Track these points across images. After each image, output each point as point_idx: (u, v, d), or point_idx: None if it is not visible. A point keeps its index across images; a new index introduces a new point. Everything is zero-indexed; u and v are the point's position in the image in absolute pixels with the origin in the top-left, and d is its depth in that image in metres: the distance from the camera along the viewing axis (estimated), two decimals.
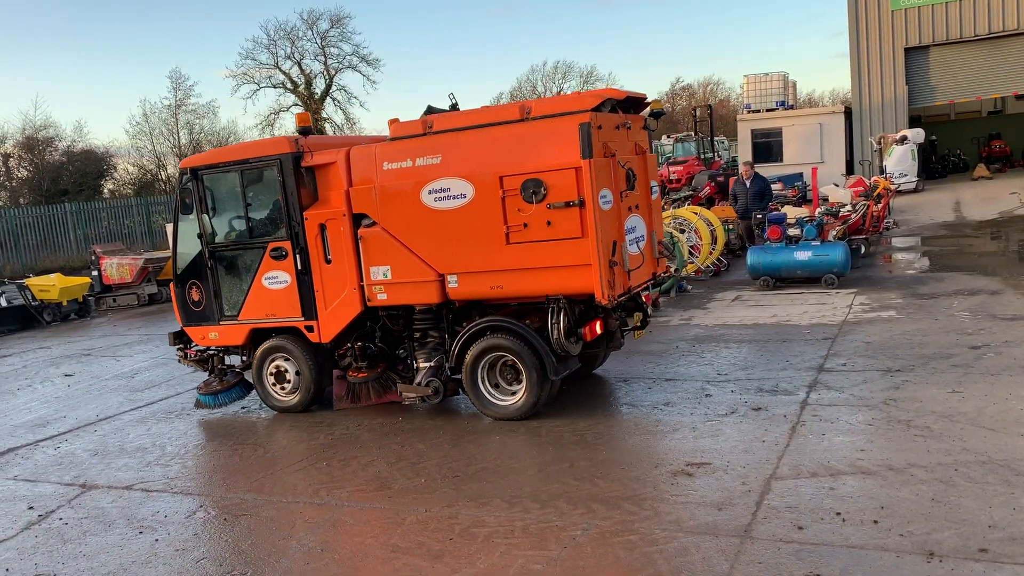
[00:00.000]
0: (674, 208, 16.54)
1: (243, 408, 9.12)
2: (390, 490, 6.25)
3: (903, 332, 9.25)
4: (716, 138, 36.58)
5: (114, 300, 19.80)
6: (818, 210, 14.58)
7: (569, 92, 58.84)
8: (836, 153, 26.75)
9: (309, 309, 8.03)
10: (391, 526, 5.60)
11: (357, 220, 7.70)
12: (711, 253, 14.77)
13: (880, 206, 16.70)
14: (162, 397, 9.95)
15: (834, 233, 13.20)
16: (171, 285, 8.98)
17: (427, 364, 7.73)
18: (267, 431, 8.21)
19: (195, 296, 8.67)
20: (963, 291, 11.13)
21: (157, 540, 5.76)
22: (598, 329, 7.41)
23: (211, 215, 8.42)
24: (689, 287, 13.58)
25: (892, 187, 19.01)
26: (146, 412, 9.36)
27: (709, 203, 21.10)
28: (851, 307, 10.91)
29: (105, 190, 40.04)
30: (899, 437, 6.15)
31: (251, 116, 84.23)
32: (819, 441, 6.23)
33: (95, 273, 19.75)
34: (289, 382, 8.45)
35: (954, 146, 32.83)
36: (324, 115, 47.59)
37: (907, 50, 27.39)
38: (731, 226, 16.14)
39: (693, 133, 37.48)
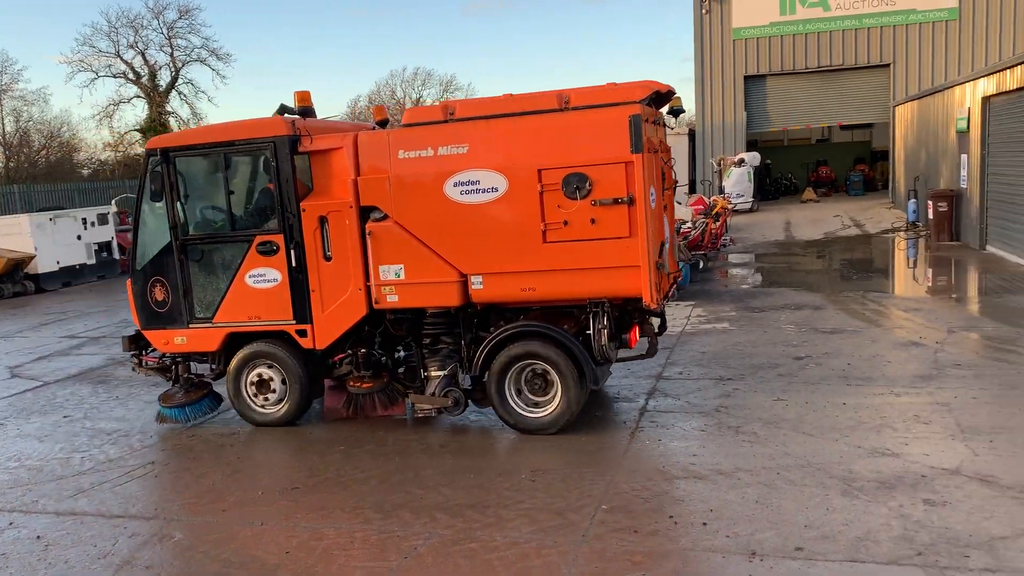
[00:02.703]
0: None
1: (65, 416, 8.49)
2: (224, 503, 5.97)
3: (735, 343, 9.77)
4: None
5: None
6: None
7: (428, 99, 58.86)
8: (680, 173, 27.78)
9: (302, 311, 7.21)
10: (223, 540, 5.35)
11: (364, 213, 6.97)
12: None
13: (718, 224, 17.63)
14: None
15: None
16: (128, 282, 7.76)
17: (440, 373, 7.03)
18: (93, 441, 7.66)
19: (159, 295, 7.60)
20: (790, 305, 11.89)
21: None
22: (637, 335, 7.14)
23: (184, 203, 7.45)
24: None
25: (730, 206, 20.10)
26: None
27: None
28: (689, 319, 11.43)
29: None
30: (729, 442, 6.48)
31: (88, 106, 79.16)
32: (655, 447, 6.47)
33: None
34: (274, 392, 7.55)
35: (786, 170, 35.16)
36: (169, 109, 45.32)
37: (746, 78, 29.12)
38: None
39: None
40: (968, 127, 16.68)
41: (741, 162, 26.51)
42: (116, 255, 21.58)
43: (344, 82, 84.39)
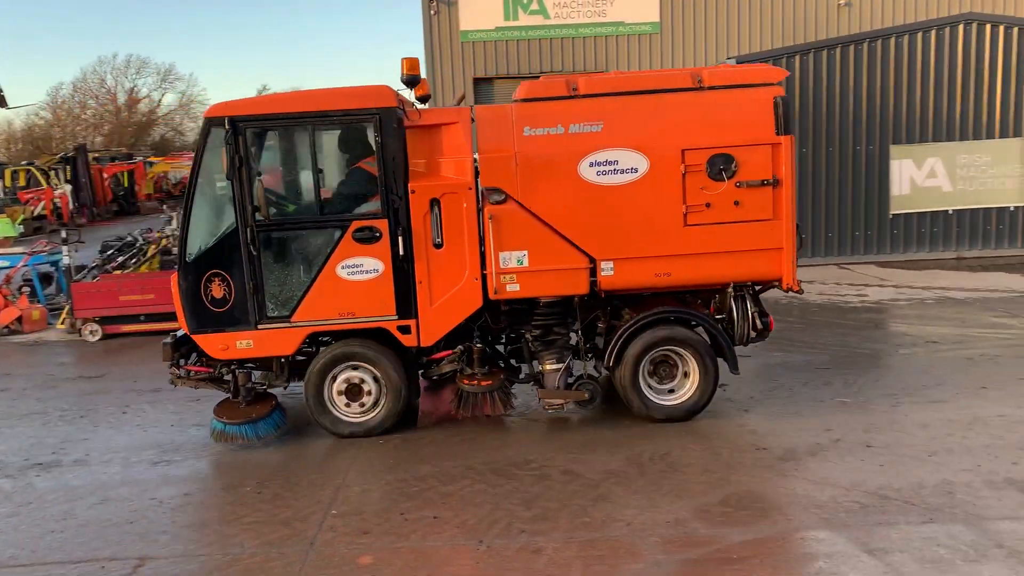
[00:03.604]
0: None
1: None
2: None
3: None
4: None
5: None
6: None
7: (144, 89, 54.70)
8: None
9: (406, 305, 6.41)
10: None
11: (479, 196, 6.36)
12: None
13: None
14: None
15: None
16: (174, 278, 6.52)
17: (558, 366, 6.63)
18: None
19: (217, 292, 6.41)
20: None
21: None
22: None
23: (258, 183, 6.24)
24: None
25: None
26: None
27: None
28: None
29: None
30: (450, 438, 6.60)
31: None
32: (386, 446, 6.44)
33: None
34: (370, 394, 6.59)
35: None
36: None
37: (476, 80, 29.98)
38: None
39: None
40: None
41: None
42: None
43: (41, 67, 75.98)
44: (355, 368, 6.60)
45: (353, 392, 6.64)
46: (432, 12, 29.28)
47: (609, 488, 5.43)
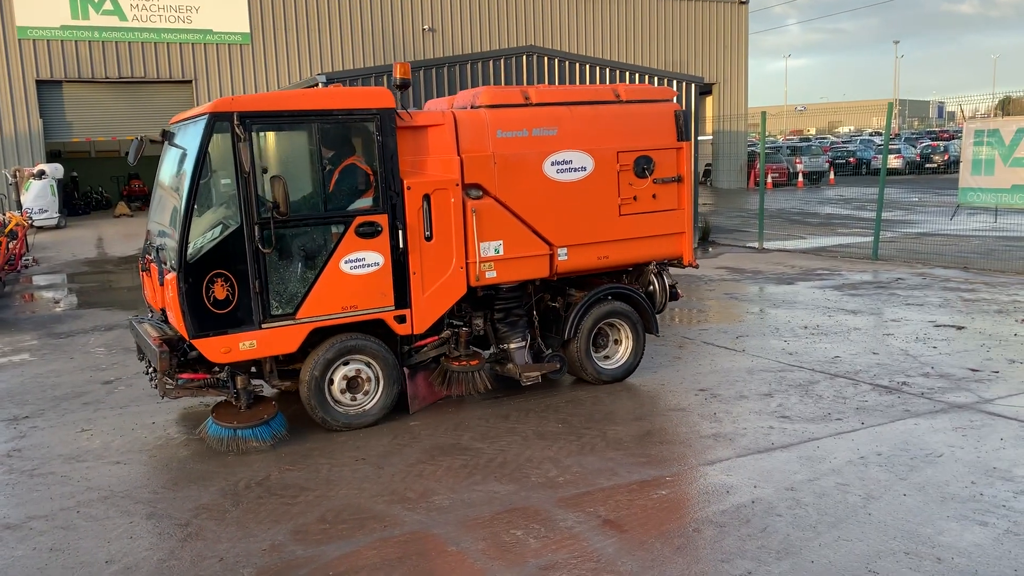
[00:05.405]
0: None
1: None
2: None
3: (35, 375, 8.82)
4: None
5: None
6: None
7: None
8: None
9: (403, 295, 6.71)
10: None
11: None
12: None
13: (16, 243, 15.81)
14: None
15: None
16: (173, 280, 6.01)
17: (521, 344, 7.38)
18: None
19: (220, 293, 6.11)
20: (101, 327, 11.26)
21: None
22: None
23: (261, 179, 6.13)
24: None
25: (28, 223, 18.20)
26: None
27: None
28: None
29: None
30: (21, 490, 5.77)
31: None
32: None
33: None
34: (369, 382, 6.80)
35: (96, 183, 33.38)
36: None
37: (39, 82, 26.60)
38: None
39: None
40: None
41: (41, 174, 24.14)
42: None
43: None
44: (351, 362, 6.71)
45: (355, 385, 6.78)
46: None
47: (201, 524, 5.12)
